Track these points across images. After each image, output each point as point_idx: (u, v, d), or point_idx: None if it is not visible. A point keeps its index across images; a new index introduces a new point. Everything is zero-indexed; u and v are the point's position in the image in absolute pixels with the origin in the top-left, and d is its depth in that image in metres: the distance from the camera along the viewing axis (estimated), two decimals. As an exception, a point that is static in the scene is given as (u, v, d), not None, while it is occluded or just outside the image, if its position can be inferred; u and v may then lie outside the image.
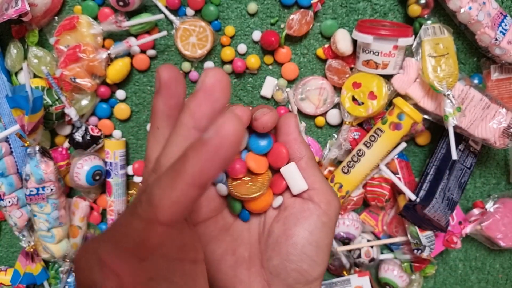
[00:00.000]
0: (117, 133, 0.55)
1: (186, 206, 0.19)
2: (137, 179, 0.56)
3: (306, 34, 0.52)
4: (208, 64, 0.53)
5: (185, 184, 0.18)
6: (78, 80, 0.49)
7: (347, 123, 0.51)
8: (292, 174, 0.30)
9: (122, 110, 0.54)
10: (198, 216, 0.32)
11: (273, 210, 0.31)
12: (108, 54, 0.50)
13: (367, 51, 0.48)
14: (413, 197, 0.50)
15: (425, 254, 0.51)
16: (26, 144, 0.48)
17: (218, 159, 0.18)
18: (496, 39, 0.46)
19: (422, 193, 0.51)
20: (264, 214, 0.32)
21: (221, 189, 0.31)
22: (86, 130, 0.52)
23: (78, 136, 0.52)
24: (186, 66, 0.53)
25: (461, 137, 0.51)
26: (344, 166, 0.51)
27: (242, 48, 0.52)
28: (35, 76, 0.53)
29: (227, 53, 0.52)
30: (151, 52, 0.53)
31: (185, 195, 0.19)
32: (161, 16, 0.50)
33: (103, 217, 0.58)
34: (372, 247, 0.56)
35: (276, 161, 0.30)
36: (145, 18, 0.50)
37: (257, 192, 0.30)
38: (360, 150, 0.50)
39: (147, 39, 0.50)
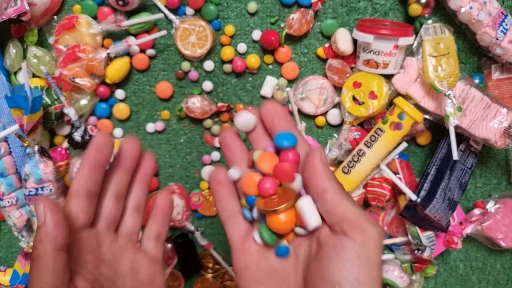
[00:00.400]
0: (118, 131, 0.55)
1: (86, 179, 0.31)
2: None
3: (306, 33, 0.52)
4: (208, 63, 0.53)
5: (82, 167, 0.31)
6: (77, 80, 0.49)
7: (347, 123, 0.51)
8: (306, 209, 0.29)
9: (121, 110, 0.54)
10: (240, 262, 0.32)
11: (314, 252, 0.30)
12: (108, 53, 0.50)
13: (367, 51, 0.47)
14: (413, 197, 0.50)
15: (425, 255, 0.51)
16: (25, 144, 0.48)
17: (94, 149, 0.32)
18: (497, 39, 0.46)
19: (422, 193, 0.51)
20: (307, 256, 0.31)
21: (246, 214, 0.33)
22: (85, 130, 0.52)
23: (77, 136, 0.51)
24: (185, 65, 0.53)
25: (462, 137, 0.51)
26: (344, 166, 0.51)
27: (242, 47, 0.52)
28: (34, 75, 0.52)
29: (227, 52, 0.51)
30: (151, 51, 0.52)
31: (84, 172, 0.31)
32: (160, 15, 0.50)
33: (102, 217, 0.58)
34: (372, 247, 0.56)
35: (281, 176, 0.30)
36: (145, 17, 0.50)
37: (284, 203, 0.29)
38: (360, 150, 0.50)
39: (146, 38, 0.50)
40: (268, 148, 0.32)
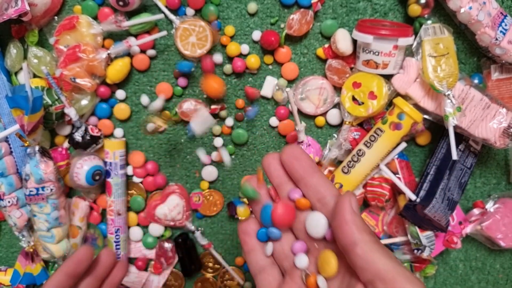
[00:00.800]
0: (118, 131, 0.55)
1: (58, 284, 0.35)
2: (137, 179, 0.56)
3: (306, 34, 0.52)
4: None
5: (58, 272, 0.36)
6: (78, 80, 0.49)
7: (347, 123, 0.51)
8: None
9: (122, 110, 0.54)
10: None
11: None
12: (108, 54, 0.50)
13: (367, 51, 0.48)
14: (413, 197, 0.50)
15: (425, 254, 0.51)
16: (26, 144, 0.48)
17: (75, 260, 0.36)
18: (496, 39, 0.46)
19: (422, 193, 0.51)
20: None
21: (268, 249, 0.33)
22: (86, 130, 0.52)
23: (78, 136, 0.51)
24: (186, 66, 0.53)
25: (461, 137, 0.51)
26: (344, 166, 0.51)
27: (242, 48, 0.52)
28: (35, 76, 0.53)
29: (232, 48, 0.51)
30: (151, 52, 0.53)
31: (58, 277, 0.35)
32: (161, 15, 0.50)
33: (103, 217, 0.58)
34: (372, 247, 0.56)
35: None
36: (145, 18, 0.50)
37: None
38: (360, 150, 0.50)
39: (147, 39, 0.50)
40: (292, 194, 0.32)
